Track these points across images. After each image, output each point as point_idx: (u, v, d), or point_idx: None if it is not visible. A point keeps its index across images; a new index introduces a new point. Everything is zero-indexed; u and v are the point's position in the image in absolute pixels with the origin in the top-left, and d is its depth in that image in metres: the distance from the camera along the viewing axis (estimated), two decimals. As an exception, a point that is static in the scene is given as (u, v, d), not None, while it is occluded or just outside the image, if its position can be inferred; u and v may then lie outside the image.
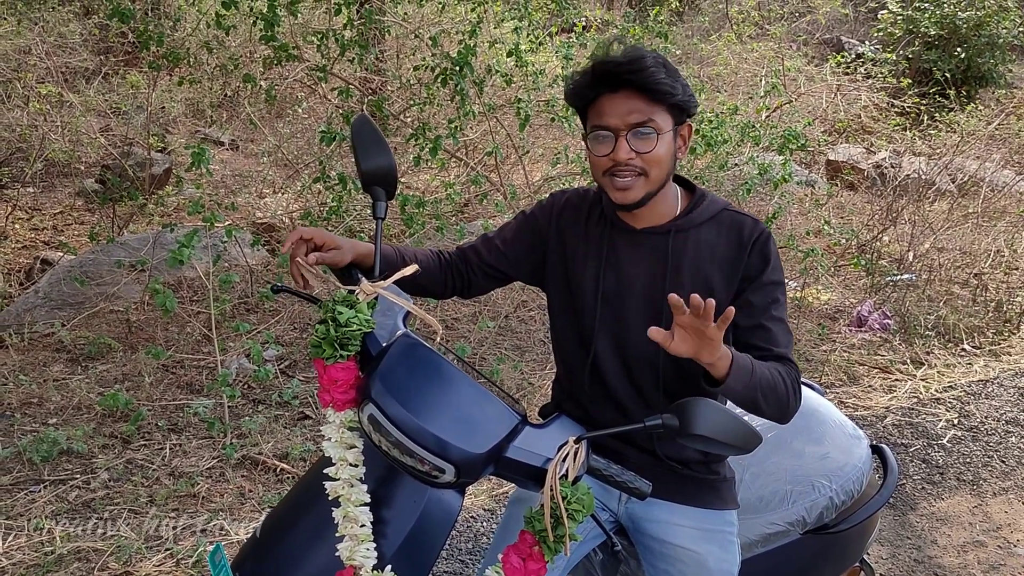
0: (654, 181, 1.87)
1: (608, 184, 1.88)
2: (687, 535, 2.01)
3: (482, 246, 2.14)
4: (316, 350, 1.65)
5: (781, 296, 1.93)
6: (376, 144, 1.86)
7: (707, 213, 1.96)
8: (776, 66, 9.14)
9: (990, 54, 11.35)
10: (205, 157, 4.24)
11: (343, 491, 1.66)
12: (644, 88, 1.81)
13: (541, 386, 4.72)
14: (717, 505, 2.05)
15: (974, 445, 4.52)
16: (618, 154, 1.83)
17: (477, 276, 2.14)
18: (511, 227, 2.14)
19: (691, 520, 2.02)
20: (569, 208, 2.08)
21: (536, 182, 6.70)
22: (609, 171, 1.86)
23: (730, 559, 2.04)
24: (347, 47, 5.23)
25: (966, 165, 8.71)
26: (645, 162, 1.84)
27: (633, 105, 1.82)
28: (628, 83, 1.81)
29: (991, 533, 3.81)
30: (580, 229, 2.04)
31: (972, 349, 5.75)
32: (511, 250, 2.11)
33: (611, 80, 1.82)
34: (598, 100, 1.86)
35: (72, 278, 5.23)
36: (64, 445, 3.85)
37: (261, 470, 3.88)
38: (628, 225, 1.97)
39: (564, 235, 2.06)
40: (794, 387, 1.85)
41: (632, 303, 1.95)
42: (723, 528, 2.05)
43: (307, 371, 4.77)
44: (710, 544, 2.01)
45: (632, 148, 1.82)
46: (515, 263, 2.12)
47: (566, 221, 2.07)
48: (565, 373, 2.13)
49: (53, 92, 7.42)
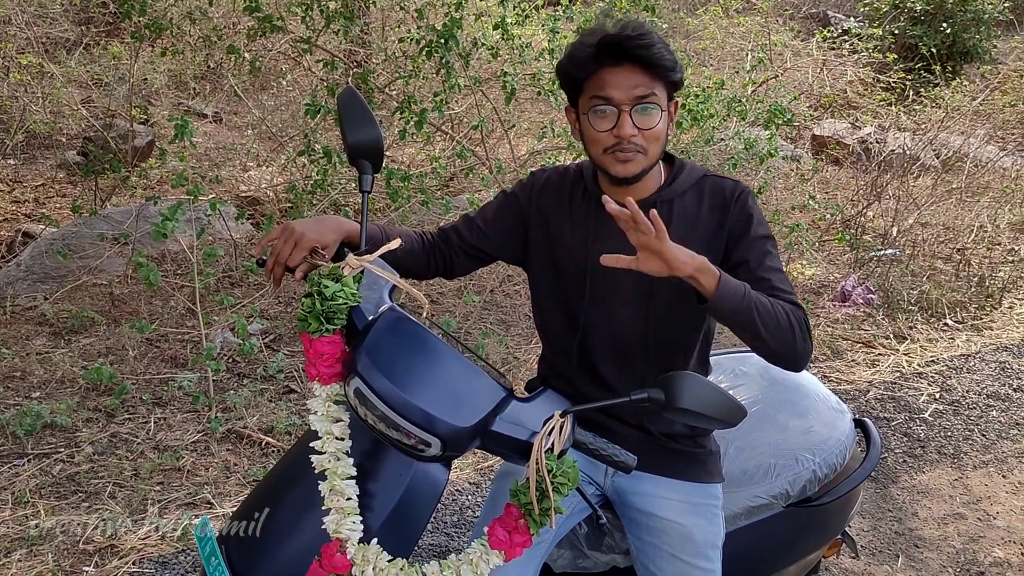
0: (652, 157, 1.86)
1: (608, 160, 1.85)
2: (673, 508, 2.03)
3: (463, 227, 2.12)
4: (302, 324, 1.65)
5: (772, 249, 1.92)
6: (363, 117, 1.85)
7: (688, 181, 1.96)
8: (763, 40, 9.12)
9: (975, 29, 11.36)
10: (188, 129, 4.20)
11: (329, 464, 1.66)
12: (649, 63, 1.79)
13: (527, 360, 4.73)
14: (703, 478, 2.07)
15: (955, 419, 4.57)
16: (622, 130, 1.80)
17: (459, 257, 2.12)
18: (492, 207, 2.12)
19: (677, 493, 2.04)
20: (550, 187, 2.06)
21: (522, 156, 6.68)
22: (611, 148, 1.83)
23: (715, 531, 2.05)
24: (332, 19, 5.18)
25: (950, 141, 8.74)
26: (646, 139, 1.82)
27: (637, 79, 1.80)
28: (633, 57, 1.79)
29: (971, 506, 3.85)
30: (564, 208, 2.03)
31: (954, 324, 5.79)
32: (492, 230, 2.09)
33: (615, 53, 1.79)
34: (599, 73, 1.82)
35: (55, 251, 5.20)
36: (48, 419, 3.84)
37: (246, 444, 3.88)
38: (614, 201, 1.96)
39: (547, 214, 2.04)
40: (800, 325, 1.78)
41: (620, 278, 1.93)
42: (708, 501, 2.06)
43: (292, 345, 4.76)
44: (696, 516, 2.03)
45: (635, 124, 1.81)
46: (496, 243, 2.10)
47: (548, 200, 2.05)
48: (551, 351, 2.13)
49: (34, 63, 7.33)
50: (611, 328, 1.98)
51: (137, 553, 3.17)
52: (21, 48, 7.65)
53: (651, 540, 2.04)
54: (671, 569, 2.02)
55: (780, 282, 1.87)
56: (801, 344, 1.79)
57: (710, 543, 2.03)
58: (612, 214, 1.61)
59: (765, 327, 1.73)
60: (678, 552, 2.01)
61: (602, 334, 1.99)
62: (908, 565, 3.44)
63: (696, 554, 2.01)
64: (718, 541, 2.06)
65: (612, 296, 1.96)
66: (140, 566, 3.11)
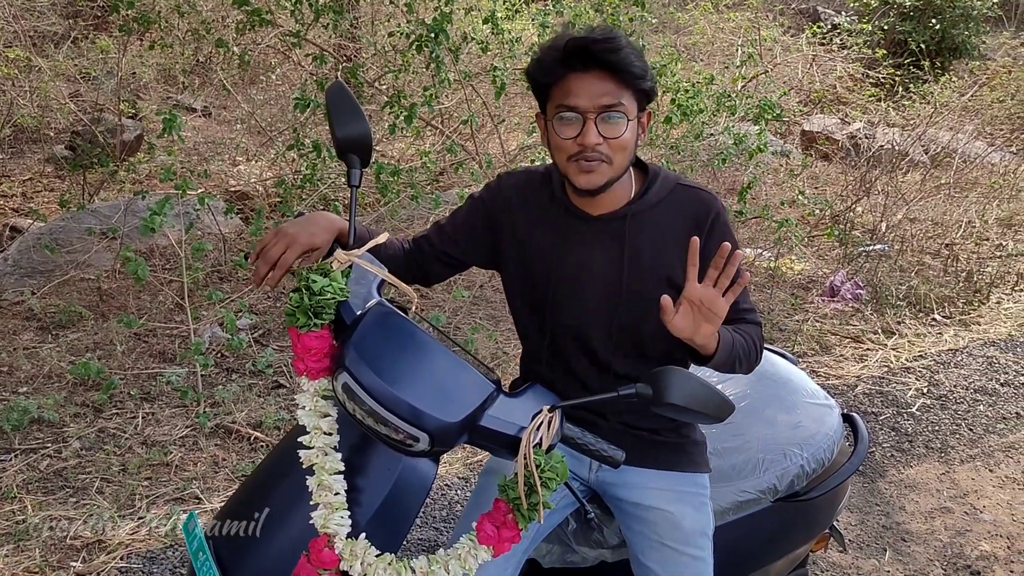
0: (617, 167, 1.83)
1: (572, 169, 1.82)
2: (660, 497, 2.03)
3: (434, 234, 2.10)
4: (290, 318, 1.64)
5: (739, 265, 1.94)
6: (351, 111, 1.84)
7: (661, 193, 1.94)
8: (752, 36, 9.14)
9: (964, 25, 11.40)
10: (177, 124, 4.18)
11: (317, 459, 1.66)
12: (616, 69, 1.75)
13: (515, 355, 4.73)
14: (689, 468, 2.08)
15: (943, 413, 4.59)
16: (587, 138, 1.77)
17: (433, 265, 2.11)
18: (461, 213, 2.10)
19: (663, 483, 2.04)
20: (517, 192, 2.03)
21: (512, 151, 6.68)
22: (574, 156, 1.80)
23: (703, 519, 2.06)
24: (321, 13, 5.17)
25: (939, 136, 8.77)
26: (611, 148, 1.79)
27: (604, 87, 1.76)
28: (600, 63, 1.75)
29: (958, 499, 3.87)
30: (532, 213, 2.00)
31: (942, 319, 5.81)
32: (462, 236, 2.08)
33: (583, 58, 1.76)
34: (565, 79, 1.79)
35: (42, 245, 5.17)
36: (35, 414, 3.82)
37: (235, 439, 3.87)
38: (583, 212, 1.94)
39: (515, 218, 2.02)
40: (760, 343, 1.92)
41: (590, 290, 1.94)
42: (695, 490, 2.07)
43: (281, 340, 4.75)
44: (683, 505, 2.04)
45: (600, 132, 1.77)
46: (467, 249, 2.09)
47: (516, 205, 2.02)
48: (527, 351, 2.14)
49: (21, 56, 7.29)
50: (580, 331, 1.98)
51: (125, 548, 3.16)
52: (8, 42, 7.60)
53: (640, 529, 2.05)
54: (661, 558, 2.02)
55: (743, 300, 1.95)
56: (759, 360, 1.94)
57: (699, 531, 2.04)
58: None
59: (740, 365, 1.87)
60: (667, 540, 2.01)
61: (573, 341, 1.99)
62: (895, 559, 3.45)
63: (685, 542, 2.02)
64: (707, 530, 2.06)
65: (581, 307, 1.96)
66: (128, 561, 3.10)
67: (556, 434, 1.62)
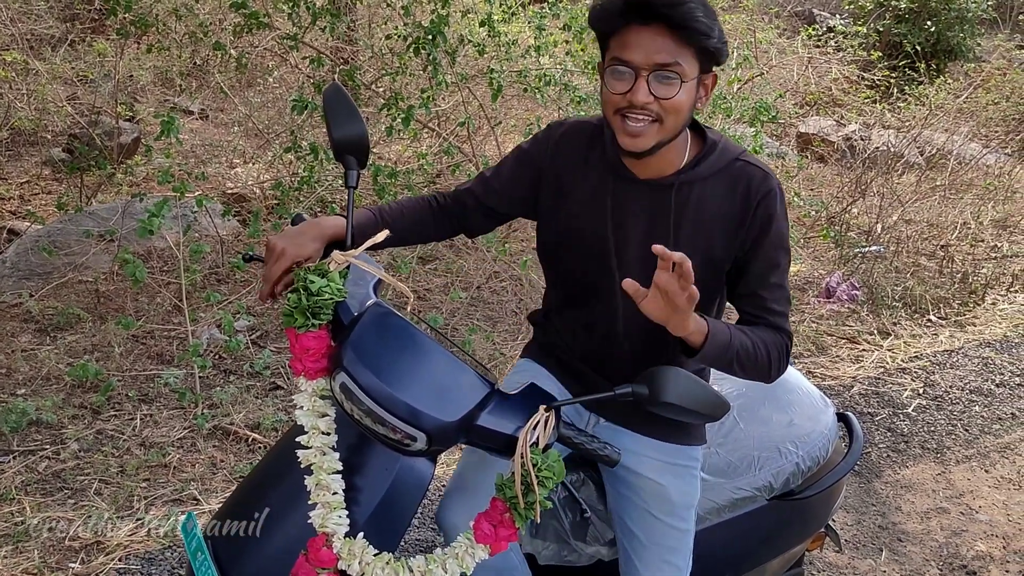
0: (668, 130, 1.74)
1: (619, 125, 1.75)
2: (651, 466, 2.04)
3: (479, 188, 2.07)
4: (288, 319, 1.65)
5: (783, 261, 1.87)
6: (348, 113, 1.85)
7: (716, 166, 1.85)
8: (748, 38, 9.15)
9: (959, 27, 11.41)
10: (174, 126, 4.19)
11: (315, 459, 1.67)
12: (678, 25, 1.65)
13: (513, 356, 4.74)
14: (684, 440, 2.07)
15: (938, 414, 4.60)
16: (636, 95, 1.69)
17: (476, 217, 2.09)
18: (508, 164, 2.06)
19: (657, 452, 2.05)
20: (565, 143, 1.97)
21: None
22: (622, 111, 1.73)
23: (691, 492, 2.07)
24: (319, 15, 5.18)
25: (934, 138, 8.79)
26: (663, 108, 1.70)
27: (661, 43, 1.67)
28: (662, 17, 1.66)
29: (954, 500, 3.89)
30: (578, 168, 1.94)
31: (938, 320, 5.83)
32: (507, 188, 2.05)
33: (643, 10, 1.67)
34: (624, 30, 1.70)
35: (40, 248, 5.17)
36: (33, 416, 3.83)
37: (232, 440, 3.88)
38: (631, 173, 1.88)
39: (559, 171, 1.97)
40: (780, 354, 1.82)
41: (629, 256, 1.89)
42: (687, 463, 2.08)
43: (278, 341, 4.76)
44: (673, 477, 2.05)
45: (651, 91, 1.69)
46: (513, 201, 2.07)
47: (563, 156, 1.97)
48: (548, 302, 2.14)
49: (18, 59, 7.29)
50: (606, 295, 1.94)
51: (123, 550, 3.17)
52: (5, 45, 7.60)
53: (628, 495, 2.06)
54: (645, 525, 2.04)
55: (776, 301, 1.86)
56: (775, 372, 1.84)
57: (685, 504, 2.06)
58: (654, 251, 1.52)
59: (741, 368, 1.79)
60: (653, 510, 2.03)
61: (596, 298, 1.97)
62: (891, 559, 3.47)
63: (671, 513, 2.04)
64: (693, 502, 2.08)
65: (612, 266, 1.91)
66: (126, 562, 3.11)
67: (552, 433, 1.63)
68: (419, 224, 2.05)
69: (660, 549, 2.04)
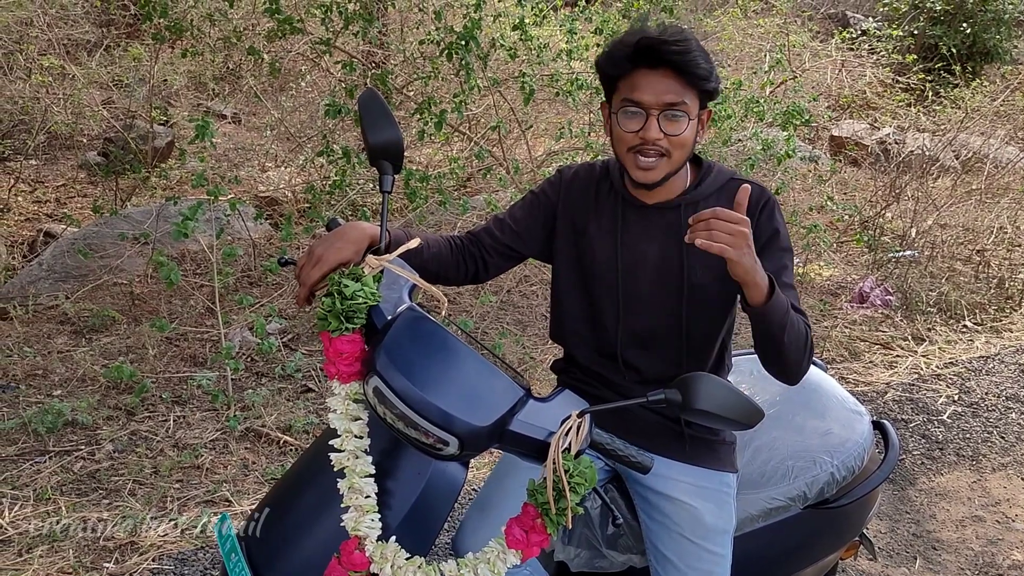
0: (675, 162, 1.89)
1: (631, 162, 1.89)
2: (684, 489, 2.05)
3: (495, 227, 2.15)
4: (322, 323, 1.66)
5: (789, 263, 1.96)
6: (383, 118, 1.86)
7: (715, 185, 2.00)
8: (781, 41, 9.09)
9: (996, 29, 11.27)
10: (208, 130, 4.23)
11: (348, 462, 1.67)
12: (683, 69, 1.82)
13: (543, 360, 4.74)
14: (715, 466, 2.09)
15: (974, 421, 4.54)
16: (648, 133, 1.84)
17: (492, 257, 2.15)
18: (521, 207, 2.16)
19: (689, 476, 2.06)
20: (577, 182, 2.10)
21: (539, 156, 6.69)
22: (634, 148, 1.87)
23: (726, 517, 2.07)
24: (351, 20, 5.21)
25: (970, 141, 8.68)
26: (671, 143, 1.86)
27: (669, 85, 1.83)
28: (669, 62, 1.82)
29: (989, 508, 3.83)
30: (590, 203, 2.07)
31: (973, 326, 5.75)
32: (523, 228, 2.13)
33: (652, 56, 1.82)
34: (633, 74, 1.86)
35: (76, 250, 5.24)
36: (69, 416, 3.88)
37: (264, 442, 3.91)
38: (640, 201, 2.01)
39: (574, 209, 2.08)
40: (808, 343, 1.87)
41: (646, 278, 1.99)
42: (720, 488, 2.08)
43: (310, 344, 4.78)
44: (707, 501, 2.05)
45: (662, 129, 1.84)
46: (528, 240, 2.14)
47: (575, 196, 2.09)
48: (574, 343, 2.15)
49: (55, 64, 7.39)
50: (644, 322, 2.02)
51: (157, 550, 3.19)
52: (43, 50, 7.71)
53: (661, 520, 2.06)
54: (680, 549, 2.03)
55: (792, 299, 1.91)
56: (807, 362, 1.88)
57: (720, 529, 2.05)
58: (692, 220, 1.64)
59: (791, 346, 1.81)
60: (687, 533, 2.03)
61: (635, 328, 2.03)
62: (926, 567, 3.42)
63: (705, 538, 2.03)
64: (729, 528, 2.07)
65: (645, 292, 2.00)
66: (160, 563, 3.13)
67: (585, 439, 1.63)
68: (440, 257, 2.07)
69: (695, 573, 2.03)
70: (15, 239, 5.95)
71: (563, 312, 2.14)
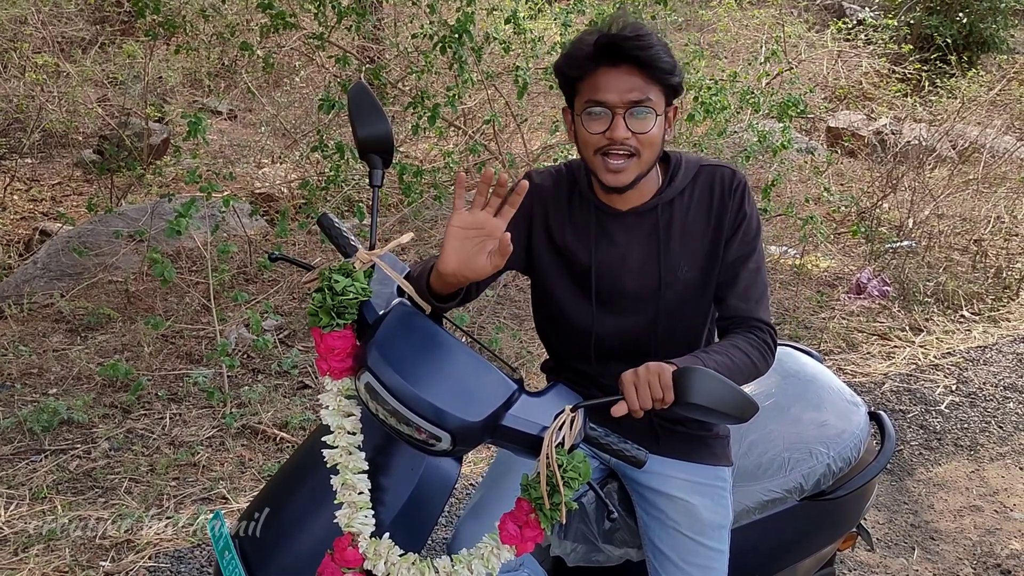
0: (645, 163, 1.83)
1: (600, 165, 1.83)
2: (680, 486, 2.04)
3: None
4: (313, 318, 1.65)
5: (758, 246, 1.95)
6: (372, 111, 1.85)
7: (687, 178, 1.95)
8: (777, 32, 9.07)
9: (992, 19, 11.26)
10: (202, 127, 4.21)
11: (341, 459, 1.66)
12: (645, 64, 1.76)
13: (540, 354, 4.73)
14: (710, 461, 2.07)
15: (972, 411, 4.54)
16: (615, 132, 1.78)
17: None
18: None
19: (684, 473, 2.05)
20: (545, 191, 2.01)
21: (535, 150, 6.67)
22: (602, 150, 1.81)
23: (722, 512, 2.06)
24: (344, 14, 5.19)
25: (967, 131, 8.68)
26: (639, 142, 1.80)
27: (633, 82, 1.77)
28: (630, 59, 1.76)
29: (987, 498, 3.83)
30: (563, 212, 2.00)
31: (971, 316, 5.75)
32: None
33: (613, 54, 1.77)
34: (594, 74, 1.80)
35: (71, 248, 5.23)
36: (64, 415, 3.87)
37: (261, 439, 3.90)
38: (614, 208, 1.95)
39: (547, 218, 2.01)
40: (762, 353, 1.86)
41: (626, 282, 1.95)
42: (716, 483, 2.07)
43: (306, 341, 4.77)
44: (702, 496, 2.04)
45: (629, 127, 1.78)
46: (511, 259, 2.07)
47: (546, 204, 2.01)
48: (559, 350, 2.13)
49: (50, 62, 7.37)
50: (621, 326, 1.98)
51: (153, 548, 3.19)
52: (37, 48, 7.69)
53: (657, 516, 2.06)
54: (677, 545, 2.03)
55: (754, 287, 1.93)
56: (762, 371, 1.88)
57: (717, 523, 2.04)
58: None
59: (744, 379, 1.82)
60: (684, 529, 2.02)
61: (613, 333, 2.00)
62: (924, 557, 3.42)
63: (702, 533, 2.02)
64: (725, 523, 2.06)
65: (621, 296, 1.97)
66: (156, 560, 3.13)
67: (579, 434, 1.62)
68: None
69: (693, 568, 2.02)
70: (10, 237, 5.94)
71: (544, 318, 2.11)
